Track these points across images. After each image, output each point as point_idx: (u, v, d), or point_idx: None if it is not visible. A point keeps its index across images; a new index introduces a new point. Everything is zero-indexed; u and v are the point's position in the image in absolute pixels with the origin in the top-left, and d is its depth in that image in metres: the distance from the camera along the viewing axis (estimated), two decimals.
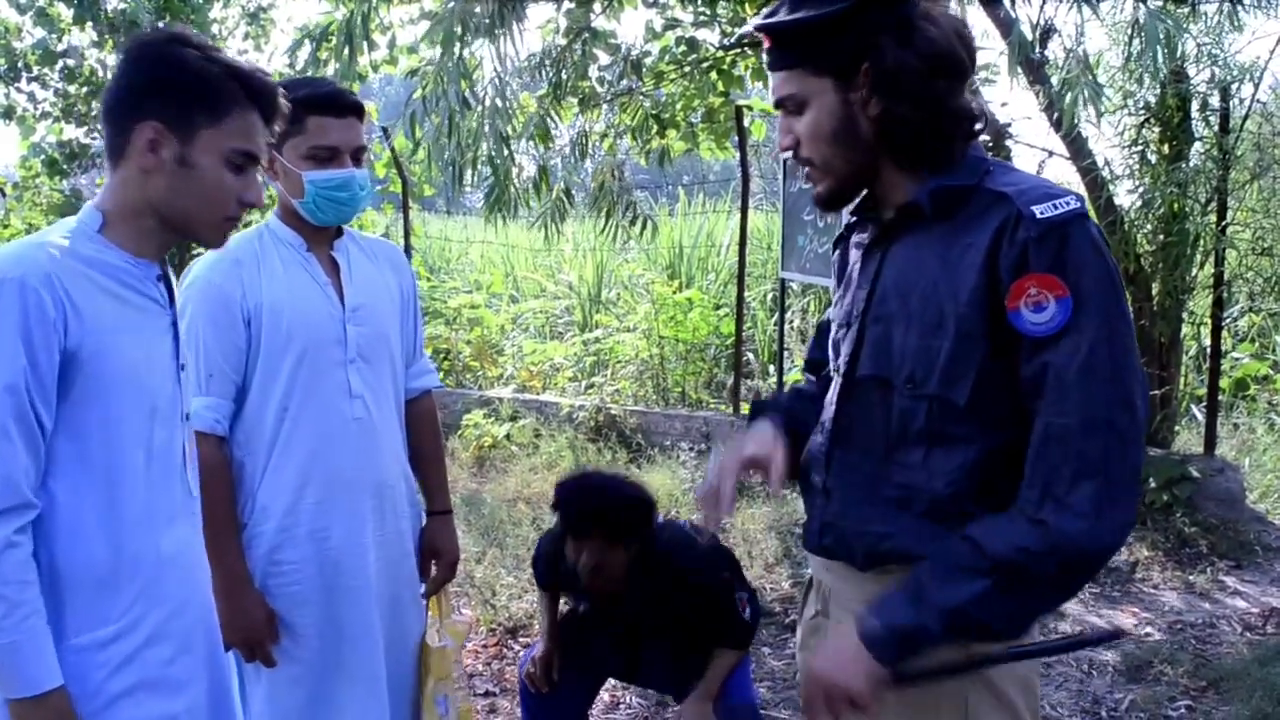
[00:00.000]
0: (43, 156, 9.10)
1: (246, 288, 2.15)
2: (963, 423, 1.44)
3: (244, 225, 2.03)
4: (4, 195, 9.59)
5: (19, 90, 9.10)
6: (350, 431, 2.23)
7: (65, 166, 9.26)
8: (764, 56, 1.58)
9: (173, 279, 1.71)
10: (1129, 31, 4.09)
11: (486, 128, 5.03)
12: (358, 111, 2.22)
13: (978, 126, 1.53)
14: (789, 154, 1.60)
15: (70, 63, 9.05)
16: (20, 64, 8.97)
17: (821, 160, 1.54)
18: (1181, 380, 6.50)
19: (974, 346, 1.42)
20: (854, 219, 1.67)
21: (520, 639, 4.18)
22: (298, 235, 2.24)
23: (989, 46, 5.67)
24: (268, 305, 2.16)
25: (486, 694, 3.77)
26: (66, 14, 8.59)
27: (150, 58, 1.58)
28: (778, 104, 1.56)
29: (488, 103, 5.05)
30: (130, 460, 1.58)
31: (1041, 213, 1.37)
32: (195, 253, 2.32)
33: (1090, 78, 4.14)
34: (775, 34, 1.51)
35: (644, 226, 6.85)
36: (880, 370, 1.52)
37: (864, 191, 1.59)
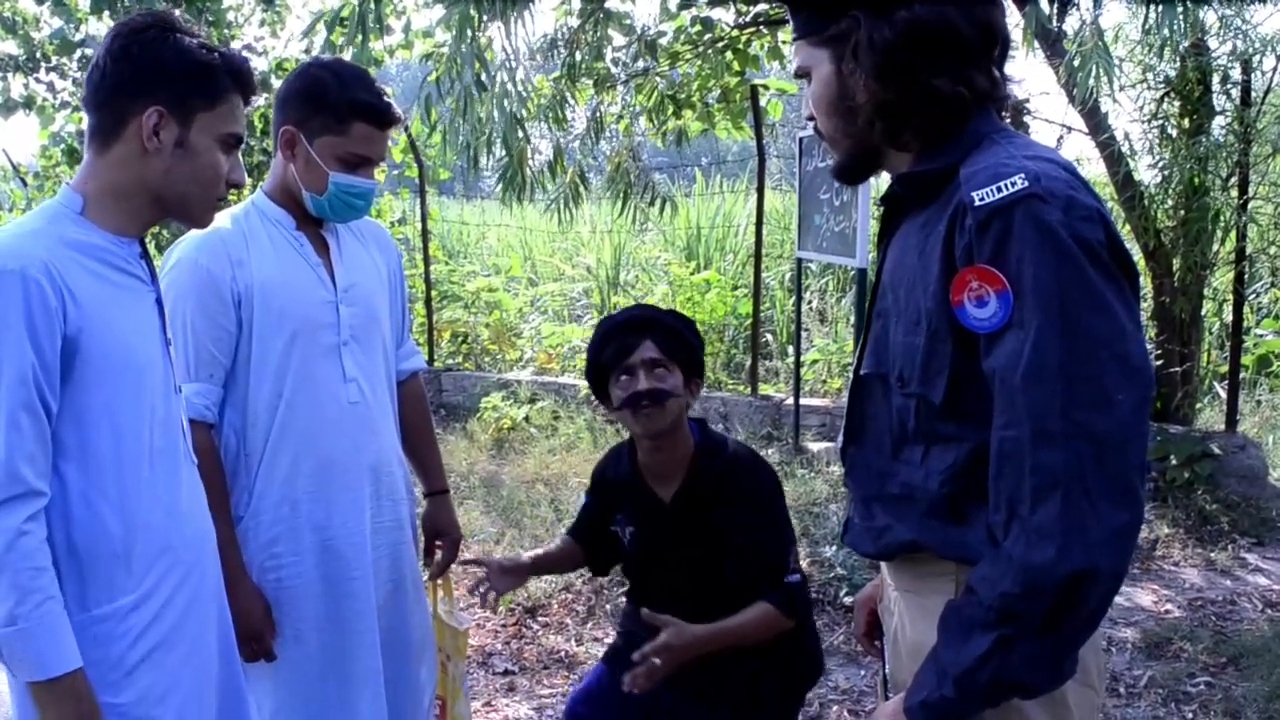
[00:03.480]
0: (62, 146, 9.17)
1: (236, 269, 2.08)
2: (947, 421, 1.36)
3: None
4: (25, 184, 9.68)
5: (38, 80, 9.19)
6: (346, 416, 2.17)
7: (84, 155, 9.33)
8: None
9: (152, 256, 1.77)
10: (1144, 6, 4.04)
11: (502, 108, 5.02)
12: (396, 124, 2.20)
13: (997, 97, 1.43)
14: (811, 125, 1.56)
15: (88, 52, 9.09)
16: (39, 54, 9.03)
17: (826, 132, 1.51)
18: (1204, 357, 6.45)
19: (943, 343, 1.33)
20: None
21: (539, 618, 4.20)
22: (287, 214, 2.18)
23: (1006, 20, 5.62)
24: (259, 286, 2.09)
25: (505, 673, 3.80)
26: (84, 3, 8.63)
27: (147, 44, 1.63)
28: (797, 74, 1.53)
29: (500, 86, 5.04)
30: (135, 437, 1.65)
31: (981, 199, 1.26)
32: (179, 231, 2.32)
33: (1103, 50, 4.10)
34: (788, 3, 1.50)
35: (664, 206, 6.83)
36: (879, 367, 1.48)
37: (878, 167, 1.53)
